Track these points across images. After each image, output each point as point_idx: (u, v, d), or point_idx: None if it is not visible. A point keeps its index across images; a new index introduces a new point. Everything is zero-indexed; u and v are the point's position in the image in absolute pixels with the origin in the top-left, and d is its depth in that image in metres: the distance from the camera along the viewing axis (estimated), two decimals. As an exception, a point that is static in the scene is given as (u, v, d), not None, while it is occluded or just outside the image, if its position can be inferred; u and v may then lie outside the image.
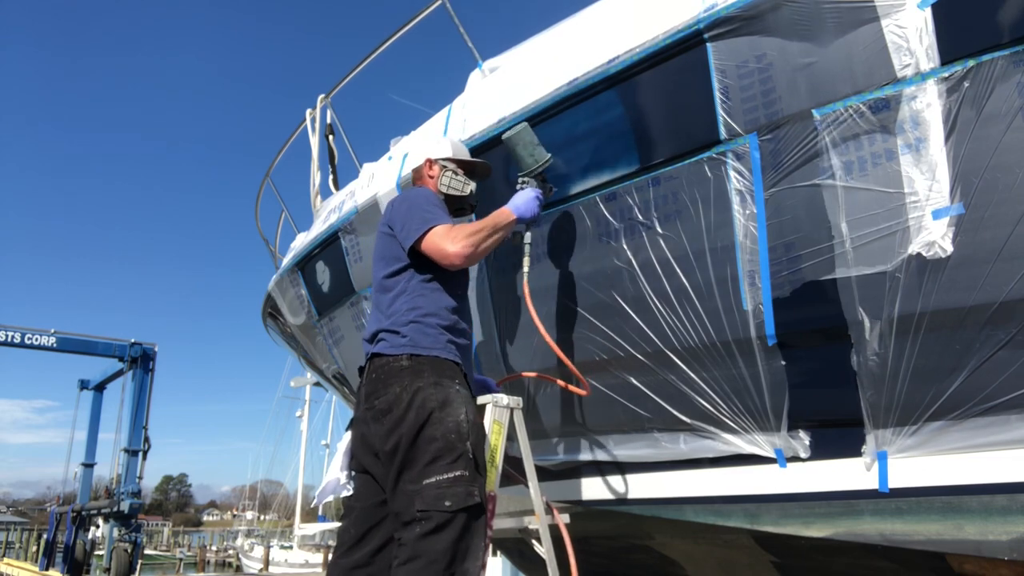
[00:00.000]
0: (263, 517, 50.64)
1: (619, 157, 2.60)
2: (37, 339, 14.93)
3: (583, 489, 3.07)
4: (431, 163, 2.64)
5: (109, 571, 13.94)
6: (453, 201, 2.61)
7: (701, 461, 2.63)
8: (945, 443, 2.10)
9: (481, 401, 2.38)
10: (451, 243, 2.24)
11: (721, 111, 2.33)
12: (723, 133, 2.34)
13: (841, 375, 2.24)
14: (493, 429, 2.33)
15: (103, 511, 14.64)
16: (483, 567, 2.05)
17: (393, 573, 1.97)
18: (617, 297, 2.67)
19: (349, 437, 2.43)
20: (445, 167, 2.62)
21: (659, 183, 2.53)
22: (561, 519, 2.56)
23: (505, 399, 2.40)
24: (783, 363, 2.34)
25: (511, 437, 2.42)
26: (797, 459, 2.40)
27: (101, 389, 16.91)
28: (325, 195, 4.41)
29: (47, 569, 15.28)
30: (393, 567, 1.98)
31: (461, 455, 2.05)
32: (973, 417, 2.04)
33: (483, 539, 2.07)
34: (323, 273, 4.16)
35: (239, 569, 29.50)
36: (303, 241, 4.43)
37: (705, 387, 2.51)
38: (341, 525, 2.30)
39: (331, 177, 4.39)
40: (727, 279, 2.40)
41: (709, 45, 2.33)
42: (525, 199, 2.53)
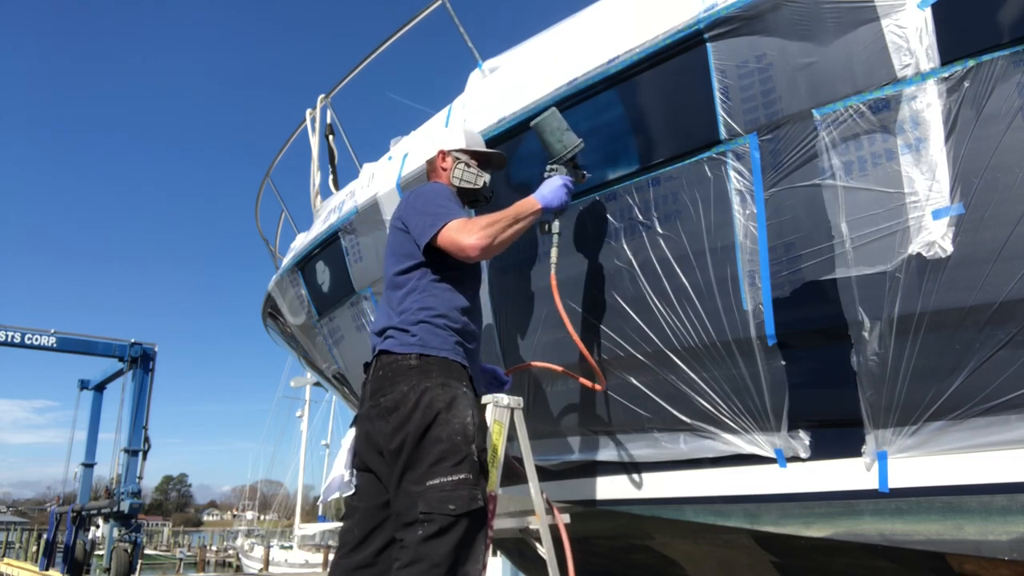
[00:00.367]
0: (263, 517, 50.59)
1: (619, 157, 2.59)
2: (37, 339, 14.96)
3: (583, 489, 3.07)
4: (444, 155, 2.59)
5: (109, 571, 13.97)
6: (467, 194, 2.56)
7: (701, 461, 2.63)
8: (945, 443, 2.10)
9: (482, 401, 2.38)
10: (467, 235, 2.19)
11: (721, 111, 2.33)
12: (723, 133, 2.34)
13: (841, 375, 2.24)
14: (494, 429, 2.33)
15: (103, 511, 14.67)
16: (484, 568, 2.05)
17: (394, 574, 1.96)
18: (617, 297, 2.67)
19: (353, 434, 2.41)
20: (458, 159, 2.56)
21: (659, 183, 2.53)
22: (561, 519, 2.56)
23: (506, 399, 2.40)
24: (783, 363, 2.34)
25: (511, 437, 2.42)
26: (797, 459, 2.40)
27: (101, 389, 16.94)
28: (325, 195, 4.41)
29: (47, 569, 15.28)
30: (394, 568, 1.97)
31: (466, 457, 2.04)
32: (973, 417, 2.04)
33: (484, 541, 2.07)
34: (323, 273, 4.16)
35: (239, 569, 29.50)
36: (303, 241, 4.43)
37: (705, 387, 2.51)
38: (344, 525, 2.29)
39: (331, 177, 4.38)
40: (727, 279, 2.40)
41: (709, 45, 2.33)
42: (552, 187, 2.45)
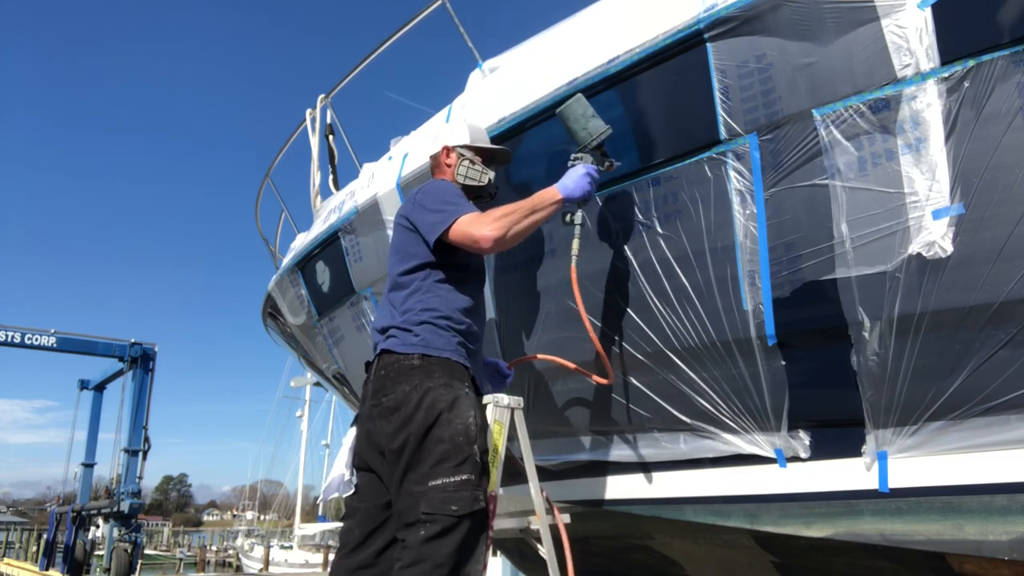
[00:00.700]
0: (263, 517, 50.60)
1: (619, 157, 2.59)
2: (37, 339, 14.96)
3: (583, 489, 3.07)
4: (448, 151, 2.57)
5: (109, 571, 13.96)
6: (472, 191, 2.54)
7: (701, 461, 2.63)
8: (945, 443, 2.10)
9: (482, 401, 2.37)
10: (480, 227, 2.16)
11: (721, 111, 2.33)
12: (723, 133, 2.34)
13: (841, 375, 2.24)
14: (494, 429, 2.33)
15: (103, 511, 14.66)
16: (484, 568, 2.05)
17: (396, 574, 1.95)
18: (617, 297, 2.67)
19: (354, 433, 2.41)
20: (463, 155, 2.54)
21: (659, 183, 2.53)
22: (561, 519, 2.56)
23: (506, 399, 2.40)
24: (783, 363, 2.34)
25: (512, 437, 2.42)
26: (797, 459, 2.40)
27: (101, 389, 16.93)
28: (325, 195, 4.42)
29: (47, 569, 15.28)
30: (396, 568, 1.96)
31: (468, 458, 2.03)
32: (973, 417, 2.04)
33: (486, 541, 2.07)
34: (323, 273, 4.16)
35: (239, 569, 29.50)
36: (303, 241, 4.43)
37: (705, 387, 2.51)
38: (344, 525, 2.28)
39: (331, 177, 4.39)
40: (727, 279, 2.40)
41: (709, 45, 2.33)
42: (575, 177, 2.39)
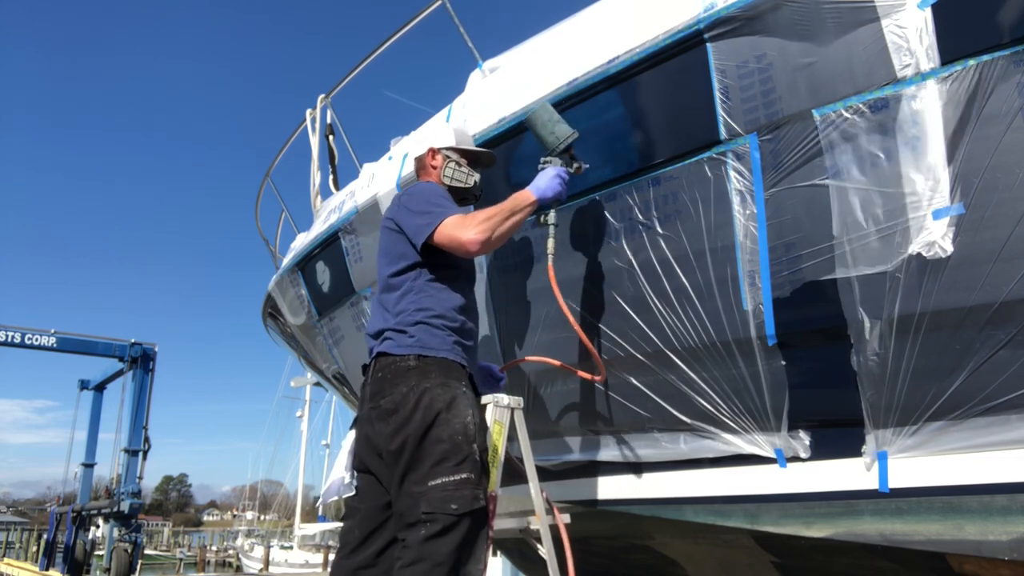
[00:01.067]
0: (263, 517, 50.56)
1: (619, 157, 2.59)
2: (37, 339, 14.94)
3: (583, 489, 3.07)
4: (434, 153, 2.59)
5: (109, 571, 13.94)
6: (457, 192, 2.56)
7: (701, 461, 2.63)
8: (945, 443, 2.10)
9: (482, 401, 2.37)
10: (465, 230, 2.19)
11: (721, 111, 2.33)
12: (723, 133, 2.34)
13: (841, 375, 2.24)
14: (494, 429, 2.33)
15: (103, 511, 14.64)
16: (484, 567, 2.05)
17: (396, 574, 1.96)
18: (617, 297, 2.67)
19: (353, 435, 2.41)
20: (448, 157, 2.57)
21: (659, 183, 2.53)
22: (561, 519, 2.56)
23: (506, 399, 2.40)
24: (783, 363, 2.34)
25: (511, 437, 2.42)
26: (797, 459, 2.40)
27: (101, 389, 16.91)
28: (325, 195, 4.41)
29: (47, 569, 15.27)
30: (397, 568, 1.96)
31: (467, 457, 2.04)
32: (973, 417, 2.04)
33: (486, 540, 2.07)
34: (323, 273, 4.16)
35: (239, 569, 29.49)
36: (303, 241, 4.43)
37: (705, 387, 2.51)
38: (344, 526, 2.29)
39: (331, 177, 4.39)
40: (727, 279, 2.40)
41: (709, 45, 2.33)
42: (546, 179, 2.46)
